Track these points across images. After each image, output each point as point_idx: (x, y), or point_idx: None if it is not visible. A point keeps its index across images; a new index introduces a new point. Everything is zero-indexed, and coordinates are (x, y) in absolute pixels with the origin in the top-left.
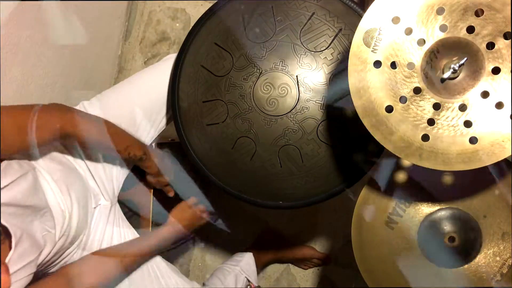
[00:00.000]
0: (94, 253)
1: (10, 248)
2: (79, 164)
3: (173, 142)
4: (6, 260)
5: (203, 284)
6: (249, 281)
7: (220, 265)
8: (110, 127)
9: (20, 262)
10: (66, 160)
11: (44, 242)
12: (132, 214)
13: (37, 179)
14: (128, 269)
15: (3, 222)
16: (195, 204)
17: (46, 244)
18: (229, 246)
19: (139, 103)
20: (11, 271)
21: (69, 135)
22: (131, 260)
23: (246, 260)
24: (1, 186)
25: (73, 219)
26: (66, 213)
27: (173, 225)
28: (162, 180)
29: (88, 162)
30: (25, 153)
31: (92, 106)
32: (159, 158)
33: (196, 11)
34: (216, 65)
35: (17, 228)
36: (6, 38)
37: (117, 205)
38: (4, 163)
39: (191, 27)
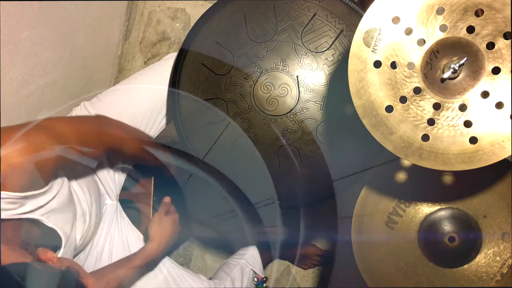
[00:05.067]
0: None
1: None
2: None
3: (173, 142)
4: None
5: (209, 279)
6: (255, 273)
7: (225, 260)
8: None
9: None
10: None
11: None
12: (133, 212)
13: (69, 185)
14: None
15: (55, 227)
16: (167, 210)
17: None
18: (229, 246)
19: (140, 102)
20: None
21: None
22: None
23: (251, 253)
24: (53, 195)
25: (92, 221)
26: (87, 217)
27: (157, 241)
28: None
29: None
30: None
31: (93, 106)
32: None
33: (196, 11)
34: (216, 64)
35: (64, 232)
36: (6, 38)
37: (119, 204)
38: None
39: (192, 26)
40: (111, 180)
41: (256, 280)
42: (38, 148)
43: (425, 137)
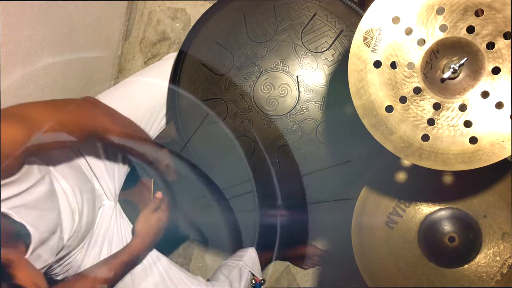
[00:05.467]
0: (73, 277)
1: (26, 249)
2: (84, 166)
3: (173, 142)
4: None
5: (207, 281)
6: (253, 275)
7: (224, 261)
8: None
9: (36, 264)
10: (75, 163)
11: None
12: (133, 212)
13: (52, 182)
14: None
15: (24, 223)
16: (157, 207)
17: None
18: (229, 246)
19: (140, 102)
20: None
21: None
22: (106, 281)
23: (249, 255)
24: (24, 189)
25: (83, 220)
26: (76, 216)
27: (141, 237)
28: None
29: (92, 164)
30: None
31: None
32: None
33: (196, 11)
34: (216, 64)
35: (35, 229)
36: (6, 38)
37: (118, 204)
38: (26, 167)
39: (192, 26)
40: (110, 180)
41: (254, 282)
42: (4, 138)
43: (425, 137)
